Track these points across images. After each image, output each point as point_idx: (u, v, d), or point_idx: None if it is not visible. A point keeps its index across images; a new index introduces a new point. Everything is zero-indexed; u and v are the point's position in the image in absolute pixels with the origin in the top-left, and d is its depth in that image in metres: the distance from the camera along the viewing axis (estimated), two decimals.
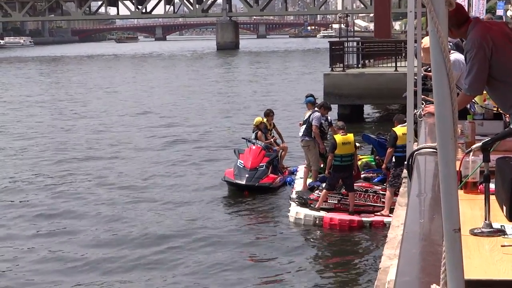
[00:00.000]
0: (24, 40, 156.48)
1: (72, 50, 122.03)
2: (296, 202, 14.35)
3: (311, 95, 18.03)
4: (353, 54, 30.24)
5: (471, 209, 3.64)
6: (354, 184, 14.16)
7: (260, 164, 16.77)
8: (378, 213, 13.65)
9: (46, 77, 59.56)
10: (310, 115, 15.70)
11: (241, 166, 16.69)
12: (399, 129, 13.61)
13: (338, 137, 14.19)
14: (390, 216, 11.00)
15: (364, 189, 14.21)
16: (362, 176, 15.04)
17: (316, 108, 15.97)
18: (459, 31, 4.97)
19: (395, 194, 13.26)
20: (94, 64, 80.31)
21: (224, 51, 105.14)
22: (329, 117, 16.14)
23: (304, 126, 15.78)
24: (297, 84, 45.15)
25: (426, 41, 7.03)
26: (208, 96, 39.36)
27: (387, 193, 13.63)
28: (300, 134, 15.89)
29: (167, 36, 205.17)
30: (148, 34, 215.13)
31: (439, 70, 1.77)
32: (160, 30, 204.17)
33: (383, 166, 14.61)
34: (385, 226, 12.52)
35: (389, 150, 13.89)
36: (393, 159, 13.76)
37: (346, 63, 29.02)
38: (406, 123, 13.22)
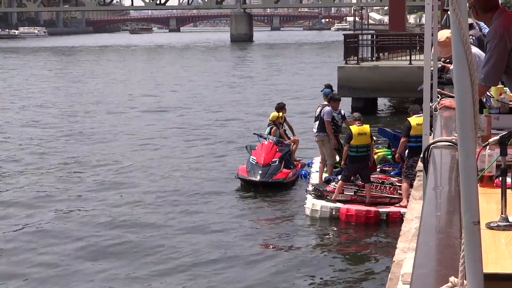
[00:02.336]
0: (38, 31, 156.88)
1: (86, 41, 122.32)
2: (313, 194, 14.33)
3: (329, 86, 17.94)
4: (367, 47, 30.18)
5: (487, 203, 3.64)
6: (370, 176, 14.15)
7: (273, 160, 16.72)
8: (397, 205, 13.62)
9: (60, 68, 59.75)
10: (321, 110, 15.63)
11: (254, 163, 16.65)
12: (414, 119, 13.63)
13: (354, 128, 14.19)
14: None
15: (380, 181, 14.19)
16: (378, 169, 15.02)
17: (325, 103, 15.88)
18: (484, 15, 4.93)
19: (411, 185, 13.24)
20: (108, 55, 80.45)
21: (238, 43, 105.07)
22: (342, 111, 16.05)
23: (317, 122, 15.69)
24: (311, 77, 45.08)
25: (441, 35, 7.01)
26: (220, 90, 39.32)
27: (404, 184, 13.63)
28: (314, 130, 15.83)
29: (181, 28, 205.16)
30: (162, 25, 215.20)
31: (461, 62, 1.77)
32: (174, 22, 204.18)
33: (396, 155, 14.60)
34: (402, 218, 12.48)
35: (402, 139, 13.88)
36: (407, 150, 13.76)
37: (360, 56, 28.97)
38: (421, 114, 13.28)
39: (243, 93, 37.66)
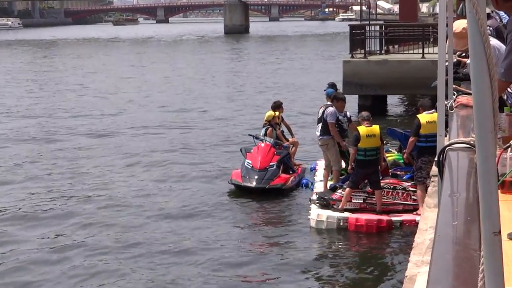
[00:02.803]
0: (12, 22, 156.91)
1: (65, 33, 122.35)
2: (317, 204, 14.29)
3: (333, 85, 17.78)
4: (375, 39, 30.20)
5: (509, 210, 3.64)
6: (381, 181, 14.12)
7: (270, 164, 16.67)
8: (414, 213, 13.58)
9: (34, 64, 59.75)
10: (324, 111, 15.52)
11: (249, 167, 16.60)
12: (424, 116, 13.55)
13: (362, 129, 14.11)
14: None
15: (392, 186, 14.17)
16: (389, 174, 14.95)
17: (328, 103, 15.80)
18: (505, 4, 4.92)
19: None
20: (89, 49, 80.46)
21: (233, 35, 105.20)
22: (348, 113, 15.95)
23: (320, 124, 15.58)
24: (313, 73, 45.15)
25: (457, 25, 7.01)
26: (212, 87, 39.35)
27: (418, 190, 13.62)
28: (317, 133, 15.73)
29: (169, 18, 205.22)
30: (148, 16, 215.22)
31: (478, 55, 1.76)
32: (162, 12, 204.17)
33: (405, 155, 14.58)
34: (417, 225, 12.46)
35: (411, 139, 13.82)
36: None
37: (368, 49, 28.98)
38: (432, 111, 13.30)
39: (238, 90, 37.68)
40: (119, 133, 24.76)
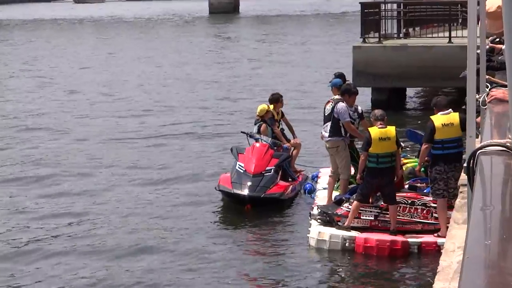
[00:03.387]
0: None
1: (15, 13, 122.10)
2: (319, 220, 14.29)
3: (340, 75, 17.75)
4: (392, 20, 30.27)
5: None
6: (396, 194, 14.12)
7: (267, 168, 16.66)
8: (435, 234, 13.58)
9: None
10: (333, 107, 15.44)
11: (242, 171, 16.58)
12: (439, 118, 13.59)
13: (374, 130, 14.08)
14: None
15: (409, 201, 14.18)
16: (406, 186, 14.90)
17: (337, 97, 15.72)
18: None
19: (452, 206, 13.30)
20: (46, 32, 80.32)
21: (219, 15, 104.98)
22: (359, 107, 15.96)
23: (328, 123, 15.50)
24: (317, 61, 45.17)
25: (491, 3, 7.04)
26: (196, 77, 39.37)
27: (438, 206, 13.62)
28: (325, 134, 15.60)
29: None
30: None
31: None
32: None
33: (417, 168, 14.58)
34: (439, 250, 12.50)
35: (424, 146, 13.85)
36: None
37: (383, 32, 29.05)
38: (449, 110, 13.35)
39: (226, 83, 37.69)
40: (85, 141, 24.79)
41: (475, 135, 6.16)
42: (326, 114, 15.73)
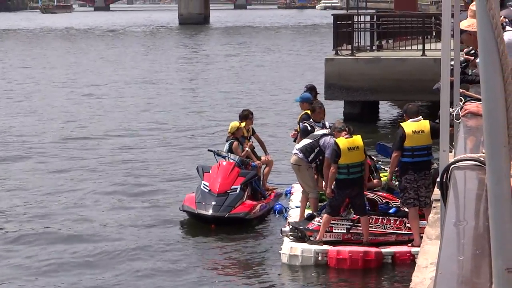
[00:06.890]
0: None
1: None
2: (291, 237, 14.26)
3: (311, 88, 17.66)
4: (365, 32, 30.36)
5: None
6: (372, 193, 14.14)
7: (232, 187, 16.47)
8: (409, 244, 13.62)
9: None
10: (321, 135, 14.90)
11: (206, 190, 16.39)
12: (409, 125, 13.60)
13: (342, 141, 13.96)
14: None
15: (383, 206, 14.28)
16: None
17: (326, 132, 15.13)
18: None
19: (422, 214, 13.38)
20: (9, 43, 79.97)
21: (189, 26, 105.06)
22: (326, 123, 15.93)
23: (306, 140, 14.96)
24: (288, 74, 45.22)
25: (473, 21, 7.08)
26: (163, 92, 39.21)
27: (409, 215, 13.64)
28: (295, 150, 15.11)
29: (110, 5, 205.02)
30: (85, 1, 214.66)
31: (489, 53, 1.79)
32: None
33: (388, 176, 14.55)
34: (413, 260, 12.49)
35: (394, 154, 13.79)
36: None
37: (356, 45, 29.12)
38: (419, 118, 13.40)
39: (196, 97, 37.60)
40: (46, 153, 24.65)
41: (449, 150, 6.19)
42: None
